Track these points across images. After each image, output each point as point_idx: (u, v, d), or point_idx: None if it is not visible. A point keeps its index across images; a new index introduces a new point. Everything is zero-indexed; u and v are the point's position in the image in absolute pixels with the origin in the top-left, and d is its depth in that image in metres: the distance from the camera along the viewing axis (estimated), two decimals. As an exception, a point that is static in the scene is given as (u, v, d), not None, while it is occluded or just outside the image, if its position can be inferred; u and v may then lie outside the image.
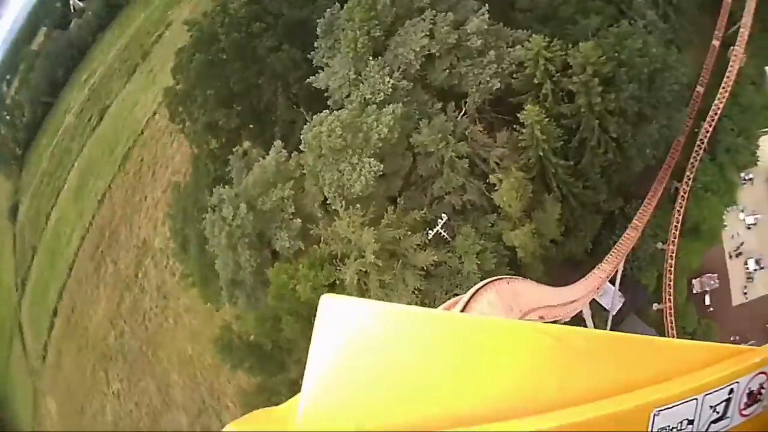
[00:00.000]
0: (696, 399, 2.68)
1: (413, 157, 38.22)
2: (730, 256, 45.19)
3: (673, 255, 42.04)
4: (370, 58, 38.80)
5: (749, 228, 45.64)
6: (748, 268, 45.01)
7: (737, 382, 2.79)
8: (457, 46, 38.68)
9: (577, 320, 37.42)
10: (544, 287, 31.38)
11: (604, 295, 39.41)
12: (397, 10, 40.46)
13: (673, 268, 41.98)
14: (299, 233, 39.34)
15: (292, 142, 41.32)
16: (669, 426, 2.64)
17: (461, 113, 38.54)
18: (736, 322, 44.18)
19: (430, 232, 37.31)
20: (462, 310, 14.95)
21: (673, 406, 2.63)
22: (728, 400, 2.79)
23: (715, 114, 44.37)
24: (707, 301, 44.53)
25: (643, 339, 2.88)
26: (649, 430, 2.59)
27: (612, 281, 38.71)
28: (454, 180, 37.21)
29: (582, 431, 2.42)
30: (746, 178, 46.10)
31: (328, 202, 38.50)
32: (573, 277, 36.81)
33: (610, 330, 41.14)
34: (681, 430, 2.68)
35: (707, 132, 44.47)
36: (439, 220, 37.45)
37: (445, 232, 37.44)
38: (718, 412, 2.77)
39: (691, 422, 2.69)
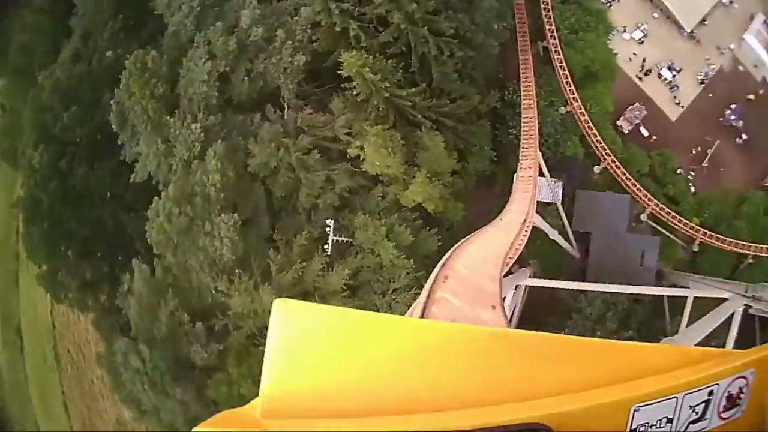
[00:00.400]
0: (676, 398, 2.53)
1: (262, 184, 30.09)
2: (640, 78, 38.32)
3: (582, 111, 34.18)
4: (168, 117, 31.45)
5: (641, 42, 38.77)
6: (665, 79, 38.18)
7: (717, 384, 2.62)
8: (242, 49, 31.41)
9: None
10: (487, 232, 23.71)
11: (540, 191, 31.41)
12: (166, 56, 33.07)
13: (590, 123, 34.11)
14: (208, 336, 31.04)
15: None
16: (648, 423, 2.49)
17: (284, 110, 30.63)
18: (686, 134, 37.40)
19: (326, 246, 29.00)
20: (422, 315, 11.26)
21: (653, 403, 2.47)
22: (707, 402, 2.62)
23: (540, -43, 37.30)
24: (645, 133, 37.09)
25: (623, 345, 2.69)
26: (629, 425, 2.44)
27: (540, 174, 30.74)
28: (316, 179, 29.26)
29: (562, 422, 2.27)
30: (608, -1, 38.91)
31: (213, 286, 30.33)
32: (496, 193, 30.50)
33: (568, 216, 33.57)
34: (660, 428, 2.51)
35: (543, -21, 37.24)
36: (327, 229, 29.15)
37: (340, 236, 29.11)
38: (697, 413, 2.60)
39: (670, 420, 2.53)
